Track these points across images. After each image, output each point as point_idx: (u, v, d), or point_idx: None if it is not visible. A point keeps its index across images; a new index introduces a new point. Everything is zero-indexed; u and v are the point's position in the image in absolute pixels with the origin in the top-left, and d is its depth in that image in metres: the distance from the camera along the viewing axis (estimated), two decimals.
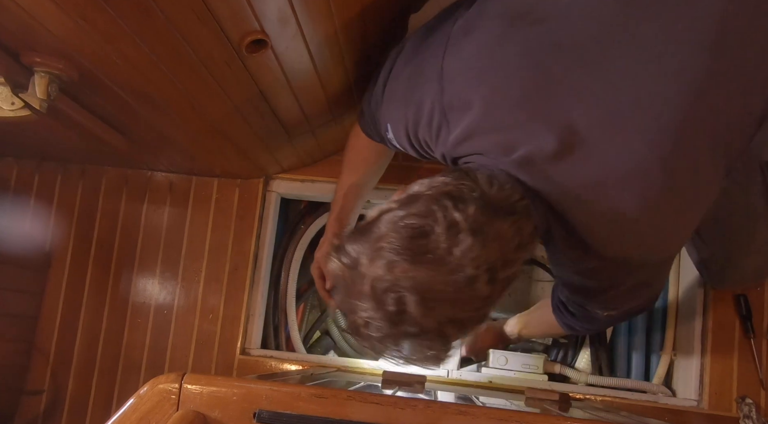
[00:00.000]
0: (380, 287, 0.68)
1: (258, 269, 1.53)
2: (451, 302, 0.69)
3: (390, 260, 0.67)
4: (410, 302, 0.67)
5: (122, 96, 1.04)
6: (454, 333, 0.71)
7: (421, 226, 0.68)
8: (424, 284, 0.67)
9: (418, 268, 0.67)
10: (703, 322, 1.39)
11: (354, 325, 0.72)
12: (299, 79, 1.10)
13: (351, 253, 0.71)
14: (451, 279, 0.67)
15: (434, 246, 0.67)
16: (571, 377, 1.46)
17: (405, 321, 0.68)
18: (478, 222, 0.68)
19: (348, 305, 0.72)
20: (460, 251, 0.67)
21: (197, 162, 1.48)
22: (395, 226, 0.69)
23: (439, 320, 0.69)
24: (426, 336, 0.70)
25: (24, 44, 0.87)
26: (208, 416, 0.61)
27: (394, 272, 0.67)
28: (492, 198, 0.72)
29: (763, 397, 1.34)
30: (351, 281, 0.71)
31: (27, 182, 1.60)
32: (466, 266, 0.67)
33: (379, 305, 0.68)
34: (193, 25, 0.82)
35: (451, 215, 0.68)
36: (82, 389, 1.52)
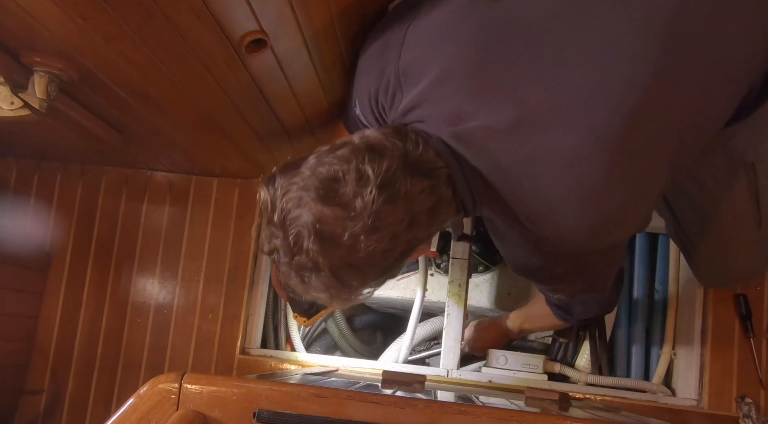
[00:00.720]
0: (286, 218, 0.73)
1: (258, 269, 1.53)
2: (346, 247, 0.71)
3: (300, 195, 0.72)
4: (307, 237, 0.71)
5: (122, 96, 1.04)
6: (353, 279, 0.75)
7: (336, 171, 0.72)
8: (323, 222, 0.71)
9: (322, 207, 0.71)
10: (702, 321, 1.39)
11: (269, 250, 0.77)
12: (298, 79, 1.10)
13: (276, 184, 0.76)
14: (349, 225, 0.70)
15: (342, 191, 0.71)
16: (570, 377, 1.46)
17: (302, 254, 0.72)
18: (389, 179, 0.71)
19: (268, 231, 0.77)
20: (363, 202, 0.70)
21: (197, 162, 1.48)
22: (315, 165, 0.74)
23: (333, 261, 0.72)
24: (323, 274, 0.73)
25: (24, 44, 0.86)
26: (208, 416, 0.61)
27: (300, 206, 0.72)
28: (412, 158, 0.75)
29: (763, 396, 1.34)
30: (270, 210, 0.75)
31: (27, 182, 1.60)
32: (367, 217, 0.70)
33: (285, 235, 0.73)
34: (193, 24, 0.82)
35: (364, 166, 0.71)
36: (82, 389, 1.52)
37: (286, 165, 0.78)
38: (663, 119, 0.76)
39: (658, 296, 1.50)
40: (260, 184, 0.79)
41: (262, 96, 1.11)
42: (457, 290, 1.45)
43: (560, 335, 1.51)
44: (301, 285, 0.77)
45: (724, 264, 1.19)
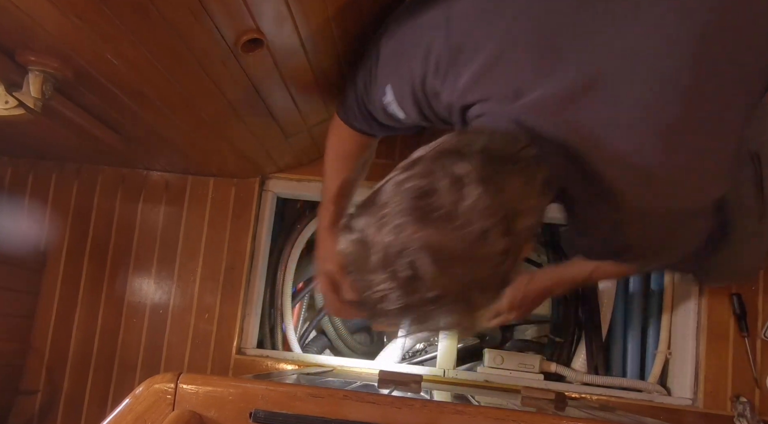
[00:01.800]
0: (390, 253, 0.65)
1: (254, 269, 1.53)
2: (466, 259, 0.65)
3: (396, 224, 0.65)
4: (423, 264, 0.64)
5: (118, 95, 1.04)
6: (477, 296, 0.68)
7: (424, 185, 0.65)
8: (434, 243, 0.64)
9: (426, 227, 0.64)
10: (697, 321, 1.39)
11: (371, 304, 0.69)
12: (295, 79, 1.10)
13: (357, 227, 0.68)
14: (461, 235, 0.64)
15: (440, 203, 0.64)
16: (567, 377, 1.46)
17: (421, 286, 0.65)
18: (483, 173, 0.65)
19: (361, 283, 0.69)
20: (467, 205, 0.64)
21: (193, 161, 1.48)
22: (398, 190, 0.66)
23: (456, 280, 0.65)
24: (447, 301, 0.66)
25: (19, 43, 0.86)
26: (204, 416, 0.61)
27: (402, 235, 0.64)
28: (494, 149, 0.69)
29: (758, 396, 1.35)
30: (361, 257, 0.67)
31: (22, 181, 1.60)
32: (476, 219, 0.64)
33: (392, 273, 0.65)
34: (189, 24, 0.82)
35: (452, 169, 0.65)
36: (78, 389, 1.51)
37: (359, 207, 0.71)
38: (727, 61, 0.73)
39: (653, 295, 1.50)
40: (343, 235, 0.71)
41: (259, 95, 1.11)
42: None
43: (556, 335, 1.52)
44: (420, 326, 0.69)
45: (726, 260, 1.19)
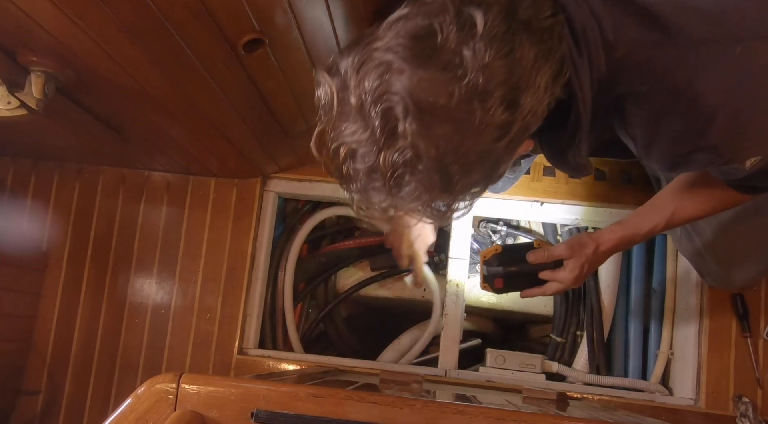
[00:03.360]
0: (368, 95, 0.54)
1: (255, 269, 1.53)
2: (455, 119, 0.54)
3: (383, 61, 0.54)
4: (403, 113, 0.53)
5: (119, 95, 1.04)
6: (458, 173, 0.57)
7: (427, 25, 0.55)
8: (423, 88, 0.53)
9: (417, 70, 0.53)
10: (700, 321, 1.39)
11: (339, 161, 0.59)
12: (297, 79, 1.10)
13: (341, 68, 0.57)
14: (457, 88, 0.53)
15: (442, 45, 0.54)
16: (568, 377, 1.46)
17: (395, 141, 0.54)
18: (498, 28, 0.55)
19: (333, 135, 0.59)
20: (472, 54, 0.53)
21: (194, 161, 1.48)
22: (395, 25, 0.56)
23: (438, 143, 0.55)
24: (422, 168, 0.56)
25: (20, 43, 0.86)
26: (205, 416, 0.61)
27: (386, 76, 0.54)
28: (519, 7, 0.58)
29: (760, 396, 1.35)
30: (338, 101, 0.58)
31: (23, 182, 1.60)
32: (477, 74, 0.53)
33: (365, 121, 0.55)
34: (190, 24, 0.82)
35: (468, 12, 0.55)
36: (79, 390, 1.51)
37: (354, 41, 0.59)
38: None
39: (655, 295, 1.50)
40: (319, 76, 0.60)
41: (260, 96, 1.11)
42: (455, 289, 1.45)
43: (558, 335, 1.52)
44: (388, 199, 0.58)
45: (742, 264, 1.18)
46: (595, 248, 1.03)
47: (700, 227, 1.15)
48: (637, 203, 1.05)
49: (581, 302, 1.52)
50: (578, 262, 1.04)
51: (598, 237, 1.04)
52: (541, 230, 1.60)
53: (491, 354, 1.43)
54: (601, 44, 0.66)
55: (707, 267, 1.24)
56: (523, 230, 1.61)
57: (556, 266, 1.07)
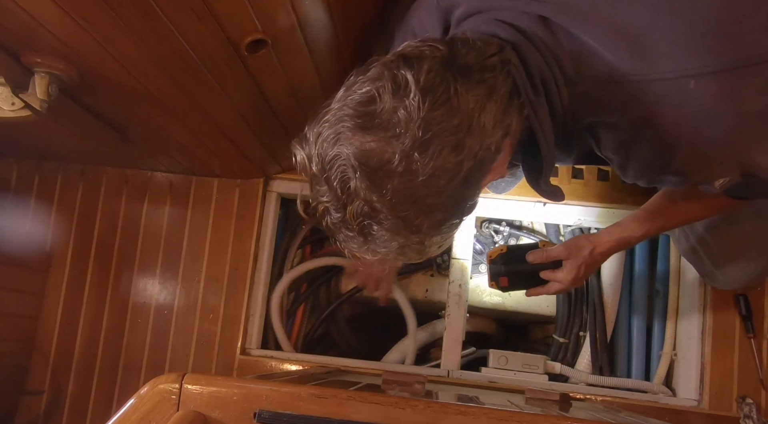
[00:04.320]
0: (327, 161, 0.61)
1: (258, 269, 1.53)
2: (401, 174, 0.59)
3: (335, 131, 0.61)
4: (353, 173, 0.60)
5: (122, 96, 1.04)
6: (419, 216, 0.62)
7: (369, 90, 0.60)
8: (366, 150, 0.59)
9: (363, 135, 0.60)
10: (703, 322, 1.39)
11: (321, 217, 0.66)
12: (299, 80, 1.10)
13: (308, 137, 0.65)
14: (396, 144, 0.58)
15: (381, 109, 0.59)
16: (571, 377, 1.46)
17: (353, 197, 0.61)
18: (429, 81, 0.60)
19: (312, 196, 0.66)
20: (406, 112, 0.58)
21: (197, 162, 1.48)
22: (345, 95, 0.63)
23: (391, 197, 0.60)
24: (382, 217, 0.61)
25: (24, 44, 0.87)
26: (208, 417, 0.61)
27: (337, 143, 0.61)
28: (457, 55, 0.63)
29: (764, 397, 1.34)
30: (308, 166, 0.65)
31: (27, 182, 1.60)
32: (416, 128, 0.58)
33: (329, 182, 0.62)
34: (193, 25, 0.82)
35: (400, 74, 0.60)
36: (83, 390, 1.52)
37: (315, 115, 0.66)
38: None
39: (658, 296, 1.50)
40: (293, 147, 0.67)
41: (263, 96, 1.11)
42: (458, 290, 1.45)
43: (561, 336, 1.51)
44: (365, 245, 0.64)
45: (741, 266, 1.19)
46: (591, 250, 1.07)
47: (696, 227, 1.16)
48: (639, 204, 1.06)
49: (584, 302, 1.51)
50: (575, 264, 1.08)
51: (595, 240, 1.08)
52: (543, 230, 1.60)
53: (494, 355, 1.43)
54: (562, 82, 0.71)
55: (704, 267, 1.25)
56: (525, 231, 1.60)
57: (556, 267, 1.11)
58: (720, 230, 1.13)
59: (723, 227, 1.12)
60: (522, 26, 0.70)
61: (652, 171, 0.78)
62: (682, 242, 1.25)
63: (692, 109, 0.68)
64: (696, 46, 0.67)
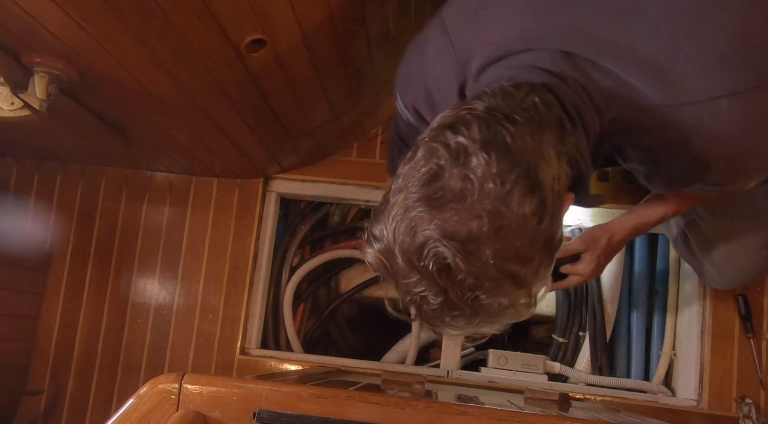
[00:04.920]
0: (412, 251, 0.59)
1: (258, 269, 1.53)
2: (492, 235, 0.58)
3: (410, 218, 0.59)
4: (448, 253, 0.58)
5: (122, 95, 1.04)
6: (521, 269, 0.60)
7: (428, 170, 0.59)
8: (452, 227, 0.58)
9: (441, 213, 0.58)
10: (702, 322, 1.39)
11: (418, 310, 0.64)
12: (299, 80, 1.10)
13: (377, 235, 0.63)
14: (479, 211, 0.57)
15: (449, 183, 0.58)
16: (570, 377, 1.46)
17: (454, 277, 0.59)
18: (483, 137, 0.59)
19: (401, 291, 0.64)
20: (477, 174, 0.58)
21: (197, 162, 1.48)
22: (405, 184, 0.61)
23: (490, 261, 0.58)
24: (489, 286, 0.60)
25: (24, 44, 0.87)
26: (208, 416, 0.61)
27: (418, 230, 0.59)
28: (497, 107, 0.63)
29: (763, 397, 1.34)
30: (389, 264, 0.63)
31: (27, 182, 1.60)
32: (490, 188, 0.57)
33: (422, 272, 0.60)
34: (193, 25, 0.82)
35: (452, 142, 0.60)
36: (82, 389, 1.52)
37: (375, 212, 0.65)
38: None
39: (657, 295, 1.50)
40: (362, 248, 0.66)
41: (262, 96, 1.11)
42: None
43: (560, 336, 1.52)
44: (476, 318, 0.63)
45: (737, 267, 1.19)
46: (608, 238, 1.08)
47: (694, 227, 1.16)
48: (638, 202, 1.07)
49: (584, 302, 1.51)
50: (594, 254, 1.09)
51: (611, 228, 1.09)
52: None
53: (493, 355, 1.43)
54: (593, 111, 0.72)
55: (702, 268, 1.25)
56: None
57: (575, 259, 1.11)
58: (717, 230, 1.13)
59: (720, 227, 1.13)
60: (545, 66, 0.71)
61: (683, 183, 0.81)
62: (679, 244, 1.25)
63: (727, 127, 0.70)
64: (724, 67, 0.69)
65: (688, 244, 1.21)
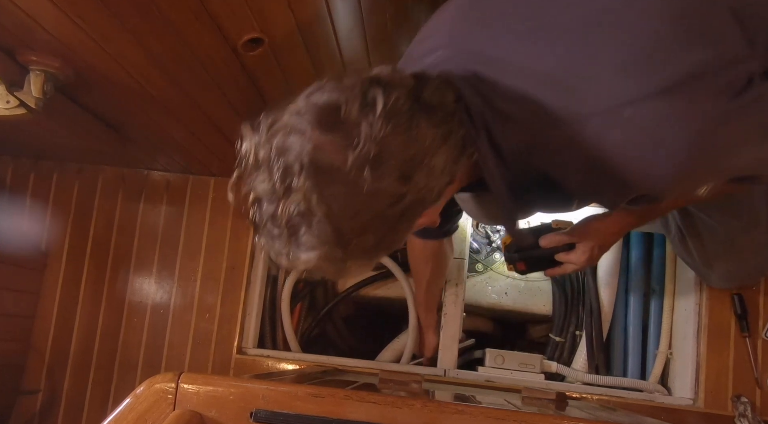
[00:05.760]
0: (275, 151, 0.61)
1: (255, 268, 1.53)
2: (346, 183, 0.60)
3: (294, 122, 0.61)
4: (298, 171, 0.59)
5: (118, 94, 1.04)
6: (351, 232, 0.62)
7: (337, 99, 0.61)
8: (320, 150, 0.59)
9: (321, 133, 0.60)
10: (698, 321, 1.39)
11: (252, 210, 0.65)
12: (296, 78, 1.10)
13: (261, 123, 0.64)
14: (351, 153, 0.59)
15: (344, 117, 0.60)
16: (567, 376, 1.46)
17: (292, 193, 0.60)
18: (396, 108, 0.61)
19: (246, 183, 0.65)
20: (369, 127, 0.59)
21: (194, 161, 1.48)
22: (311, 92, 0.63)
23: (330, 201, 0.60)
24: (316, 223, 0.61)
25: (20, 42, 0.86)
26: (204, 416, 0.61)
27: (292, 136, 0.60)
28: (424, 91, 0.65)
29: (759, 396, 1.35)
30: (253, 154, 0.64)
31: (23, 181, 1.60)
32: (373, 144, 0.59)
33: (270, 171, 0.61)
34: (190, 23, 0.82)
35: (372, 93, 0.61)
36: (79, 389, 1.51)
37: (278, 104, 0.66)
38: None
39: (654, 294, 1.50)
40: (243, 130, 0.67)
41: (260, 94, 1.11)
42: (454, 289, 1.45)
43: (557, 335, 1.52)
44: (287, 247, 0.64)
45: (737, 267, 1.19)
46: (603, 230, 1.07)
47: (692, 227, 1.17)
48: None
49: (580, 301, 1.52)
50: (588, 246, 1.08)
51: (605, 220, 1.08)
52: None
53: (490, 354, 1.43)
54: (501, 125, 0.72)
55: (698, 267, 1.25)
56: None
57: (570, 248, 1.10)
58: (716, 230, 1.13)
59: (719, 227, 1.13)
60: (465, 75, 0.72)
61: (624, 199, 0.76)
62: (677, 244, 1.26)
63: (634, 136, 0.67)
64: (624, 75, 0.67)
65: (685, 243, 1.21)
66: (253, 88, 1.07)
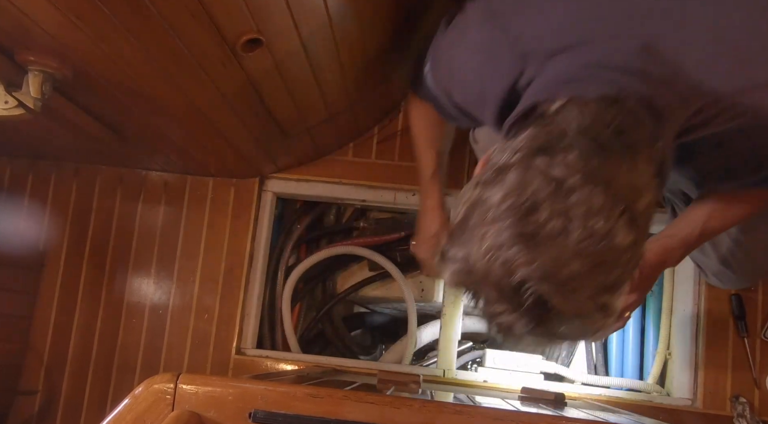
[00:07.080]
0: (508, 289, 0.57)
1: (253, 269, 1.53)
2: (593, 272, 0.56)
3: (505, 257, 0.56)
4: (548, 294, 0.56)
5: (117, 94, 1.03)
6: (611, 300, 0.59)
7: (523, 202, 0.56)
8: (554, 269, 0.55)
9: (541, 253, 0.55)
10: (697, 321, 1.39)
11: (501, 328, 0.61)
12: (295, 79, 1.10)
13: (460, 257, 0.60)
14: (583, 248, 0.55)
15: (548, 218, 0.55)
16: (566, 377, 1.46)
17: (551, 314, 0.57)
18: (586, 167, 0.56)
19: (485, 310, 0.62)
20: (579, 211, 0.55)
21: (192, 161, 1.48)
22: (495, 214, 0.57)
23: (587, 296, 0.57)
24: (582, 319, 0.59)
25: (18, 43, 0.86)
26: (203, 416, 0.61)
27: (515, 269, 0.56)
28: (589, 128, 0.60)
29: (757, 396, 1.35)
30: (473, 288, 0.61)
31: (21, 181, 1.59)
32: (595, 224, 0.55)
33: (515, 306, 0.58)
34: (188, 23, 0.82)
35: (550, 172, 0.56)
36: (77, 390, 1.51)
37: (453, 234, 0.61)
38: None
39: (652, 295, 1.50)
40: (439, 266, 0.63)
41: (258, 95, 1.11)
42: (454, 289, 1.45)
43: None
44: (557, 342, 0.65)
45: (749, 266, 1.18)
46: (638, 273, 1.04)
47: None
48: None
49: None
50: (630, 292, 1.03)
51: None
52: None
53: (489, 354, 1.43)
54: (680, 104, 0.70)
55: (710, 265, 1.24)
56: None
57: None
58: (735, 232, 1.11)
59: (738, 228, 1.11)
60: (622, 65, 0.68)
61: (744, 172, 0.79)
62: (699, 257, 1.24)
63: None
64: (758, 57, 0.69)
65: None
66: (251, 89, 1.07)
